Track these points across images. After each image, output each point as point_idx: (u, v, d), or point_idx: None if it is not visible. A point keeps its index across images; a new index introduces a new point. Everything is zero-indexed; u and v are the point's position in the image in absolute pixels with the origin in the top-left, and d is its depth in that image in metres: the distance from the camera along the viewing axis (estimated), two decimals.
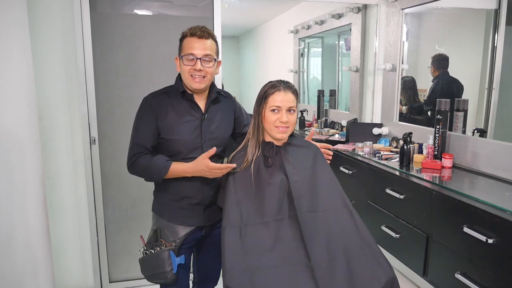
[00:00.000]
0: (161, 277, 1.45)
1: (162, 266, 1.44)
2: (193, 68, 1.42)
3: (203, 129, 1.48)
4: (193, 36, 1.42)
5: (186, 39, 1.44)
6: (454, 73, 2.25)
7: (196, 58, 1.41)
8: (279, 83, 1.43)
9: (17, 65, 1.74)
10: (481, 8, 2.13)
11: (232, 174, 1.42)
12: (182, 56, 1.44)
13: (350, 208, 1.40)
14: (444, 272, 1.65)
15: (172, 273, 1.44)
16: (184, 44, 1.44)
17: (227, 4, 3.59)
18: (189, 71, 1.43)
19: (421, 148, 2.16)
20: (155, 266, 1.45)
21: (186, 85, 1.47)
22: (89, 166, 2.25)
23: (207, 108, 1.51)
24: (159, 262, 1.44)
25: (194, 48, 1.41)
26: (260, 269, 1.23)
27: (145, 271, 1.51)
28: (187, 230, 1.51)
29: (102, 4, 2.17)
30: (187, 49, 1.42)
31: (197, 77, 1.43)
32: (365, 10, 2.81)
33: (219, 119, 1.54)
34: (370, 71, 2.82)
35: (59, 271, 2.29)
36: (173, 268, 1.44)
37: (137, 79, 2.27)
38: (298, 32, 4.00)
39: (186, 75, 1.44)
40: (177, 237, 1.49)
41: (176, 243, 1.48)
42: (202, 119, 1.49)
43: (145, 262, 1.49)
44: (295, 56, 4.17)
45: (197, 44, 1.41)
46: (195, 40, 1.42)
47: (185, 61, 1.43)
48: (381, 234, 2.02)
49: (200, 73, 1.43)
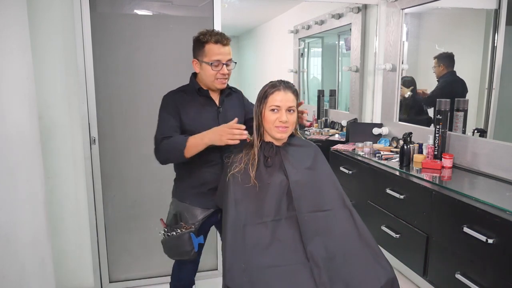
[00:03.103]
0: (184, 255, 1.66)
1: (184, 246, 1.62)
2: (220, 72, 1.58)
3: (220, 120, 1.63)
4: (217, 43, 1.56)
5: (209, 45, 1.56)
6: (457, 72, 2.25)
7: (222, 63, 1.57)
8: (279, 83, 1.43)
9: (17, 65, 1.74)
10: (481, 8, 2.12)
11: (232, 174, 1.43)
12: (210, 63, 1.57)
13: (350, 208, 1.40)
14: (444, 272, 1.65)
15: (194, 251, 1.64)
16: (208, 50, 1.57)
17: (227, 4, 3.59)
18: (215, 75, 1.58)
19: (421, 148, 2.16)
20: (178, 246, 1.64)
21: (210, 86, 1.63)
22: (89, 166, 2.25)
23: (221, 102, 1.67)
24: (181, 243, 1.62)
25: (220, 54, 1.56)
26: (260, 269, 1.23)
27: (167, 250, 1.70)
28: (205, 213, 1.66)
29: (102, 4, 2.17)
30: (213, 56, 1.56)
31: (222, 79, 1.60)
32: (365, 10, 2.81)
33: (232, 111, 1.69)
34: (370, 71, 2.82)
35: (59, 271, 2.29)
36: (194, 247, 1.63)
37: (137, 79, 2.27)
38: (298, 32, 4.00)
39: (212, 79, 1.59)
40: (195, 220, 1.65)
41: (195, 225, 1.64)
42: (218, 111, 1.66)
43: (168, 243, 1.67)
44: (295, 56, 4.17)
45: (222, 50, 1.56)
46: (220, 47, 1.56)
47: (213, 67, 1.57)
48: (381, 234, 2.02)
49: (225, 76, 1.60)
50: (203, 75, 1.61)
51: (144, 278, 2.47)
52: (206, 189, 1.65)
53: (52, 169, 2.23)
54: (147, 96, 2.30)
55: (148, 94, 2.29)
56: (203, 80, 1.63)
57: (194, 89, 1.64)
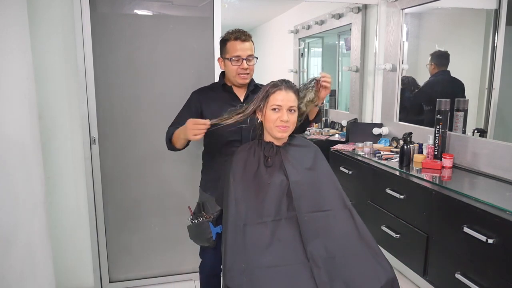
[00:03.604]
0: (204, 242, 1.76)
1: (203, 233, 1.73)
2: (240, 67, 1.65)
3: None
4: (237, 40, 1.64)
5: (230, 42, 1.65)
6: (454, 72, 2.25)
7: (242, 58, 1.64)
8: (280, 82, 1.44)
9: (17, 65, 1.74)
10: (481, 8, 2.12)
11: (233, 174, 1.43)
12: (230, 58, 1.65)
13: (350, 208, 1.40)
14: (444, 272, 1.65)
15: (212, 239, 1.73)
16: (229, 47, 1.66)
17: (227, 4, 3.59)
18: (236, 70, 1.66)
19: (421, 148, 2.16)
20: (199, 233, 1.75)
21: (233, 81, 1.71)
22: (89, 166, 2.24)
23: (246, 98, 1.73)
24: (201, 230, 1.74)
25: (240, 49, 1.64)
26: (260, 269, 1.23)
27: (191, 235, 1.81)
28: None
29: (102, 4, 2.17)
30: (233, 52, 1.64)
31: (243, 75, 1.67)
32: (365, 10, 2.81)
33: None
34: (370, 71, 2.82)
35: (59, 271, 2.29)
36: (213, 236, 1.72)
37: (137, 79, 2.27)
38: (298, 32, 4.00)
39: (234, 74, 1.67)
40: (215, 210, 1.72)
41: (214, 215, 1.72)
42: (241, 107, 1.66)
43: (192, 229, 1.79)
44: (295, 56, 4.17)
45: (242, 46, 1.64)
46: (239, 43, 1.64)
47: (233, 62, 1.65)
48: (381, 234, 2.02)
49: (245, 71, 1.67)
50: (226, 72, 1.71)
51: (144, 278, 2.47)
52: None
53: (52, 169, 2.23)
54: (147, 96, 2.30)
55: (148, 94, 2.29)
56: (228, 77, 1.72)
57: (219, 86, 1.74)
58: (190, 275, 2.48)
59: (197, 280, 2.06)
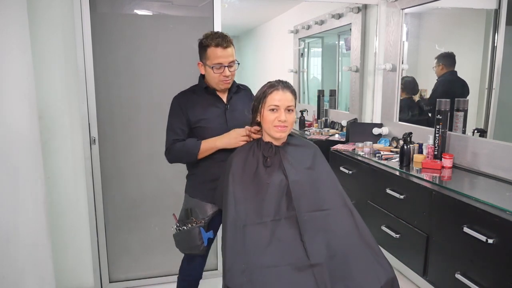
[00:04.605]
0: (194, 249, 1.70)
1: (194, 240, 1.67)
2: (223, 74, 1.61)
3: (227, 117, 1.69)
4: (218, 46, 1.58)
5: (210, 48, 1.60)
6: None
7: (224, 66, 1.60)
8: (277, 82, 1.44)
9: (17, 65, 1.74)
10: (481, 8, 2.12)
11: (232, 174, 1.43)
12: (212, 67, 1.60)
13: (351, 207, 1.40)
14: (444, 272, 1.65)
15: (203, 245, 1.68)
16: (210, 54, 1.60)
17: (227, 4, 3.59)
18: (219, 77, 1.62)
19: (421, 148, 2.16)
20: (188, 240, 1.69)
21: (215, 87, 1.68)
22: (89, 166, 2.25)
23: (229, 99, 1.71)
24: (191, 237, 1.67)
25: (221, 57, 1.59)
26: (260, 269, 1.23)
27: (178, 244, 1.74)
28: (215, 209, 1.70)
29: (102, 4, 2.17)
30: (215, 59, 1.60)
31: (224, 81, 1.64)
32: (365, 10, 2.81)
33: (240, 108, 1.72)
34: (370, 71, 2.82)
35: (59, 271, 2.29)
36: (204, 242, 1.67)
37: (137, 79, 2.27)
38: (298, 32, 4.00)
39: (216, 81, 1.64)
40: (206, 215, 1.69)
41: (205, 220, 1.69)
42: (226, 109, 1.70)
43: (179, 237, 1.72)
44: (295, 56, 4.17)
45: (223, 53, 1.59)
46: (221, 50, 1.58)
47: (214, 70, 1.61)
48: (381, 234, 2.02)
49: (227, 78, 1.64)
50: (208, 77, 1.67)
51: (144, 278, 2.47)
52: (216, 185, 1.67)
53: (52, 169, 2.23)
54: (147, 96, 2.30)
55: (148, 94, 2.30)
56: (209, 82, 1.68)
57: (202, 88, 1.70)
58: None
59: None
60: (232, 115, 1.69)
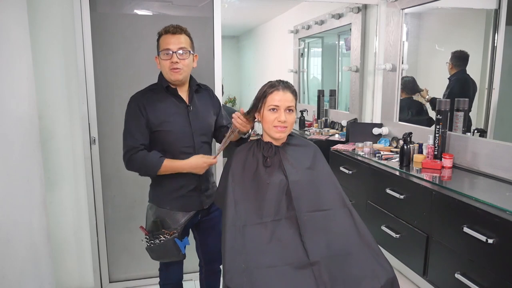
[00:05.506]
0: (172, 258, 1.65)
1: (171, 251, 1.61)
2: (171, 61, 1.53)
3: (191, 119, 1.61)
4: (167, 33, 1.54)
5: (161, 37, 1.56)
6: None
7: (172, 52, 1.53)
8: (278, 82, 1.44)
9: (17, 65, 1.75)
10: (481, 8, 2.12)
11: (232, 174, 1.43)
12: (160, 53, 1.55)
13: (350, 207, 1.40)
14: (444, 272, 1.65)
15: (182, 254, 1.64)
16: (161, 42, 1.56)
17: (227, 4, 3.59)
18: (168, 65, 1.54)
19: (421, 148, 2.16)
20: (165, 253, 1.62)
21: (167, 79, 1.59)
22: (89, 166, 2.25)
23: (190, 99, 1.64)
24: (167, 250, 1.61)
25: (170, 43, 1.53)
26: (260, 269, 1.23)
27: (155, 257, 1.67)
28: (186, 217, 1.64)
29: (102, 4, 2.17)
30: (163, 45, 1.54)
31: (175, 69, 1.54)
32: (365, 10, 2.81)
33: (202, 108, 1.67)
34: (370, 71, 2.82)
35: (59, 271, 2.29)
36: (181, 251, 1.62)
37: (137, 79, 2.27)
38: (298, 32, 4.00)
39: (166, 70, 1.55)
40: (178, 224, 1.62)
41: (178, 230, 1.61)
42: (188, 110, 1.62)
43: (154, 250, 1.63)
44: (295, 56, 4.17)
45: (171, 39, 1.53)
46: (169, 36, 1.53)
47: (163, 56, 1.54)
48: (381, 234, 2.02)
49: (177, 65, 1.53)
50: (161, 69, 1.60)
51: (144, 278, 2.47)
52: (185, 191, 1.64)
53: (52, 169, 2.23)
54: None
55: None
56: (164, 75, 1.60)
57: (162, 88, 1.61)
58: (190, 275, 2.48)
59: (197, 280, 2.06)
60: (195, 117, 1.62)
